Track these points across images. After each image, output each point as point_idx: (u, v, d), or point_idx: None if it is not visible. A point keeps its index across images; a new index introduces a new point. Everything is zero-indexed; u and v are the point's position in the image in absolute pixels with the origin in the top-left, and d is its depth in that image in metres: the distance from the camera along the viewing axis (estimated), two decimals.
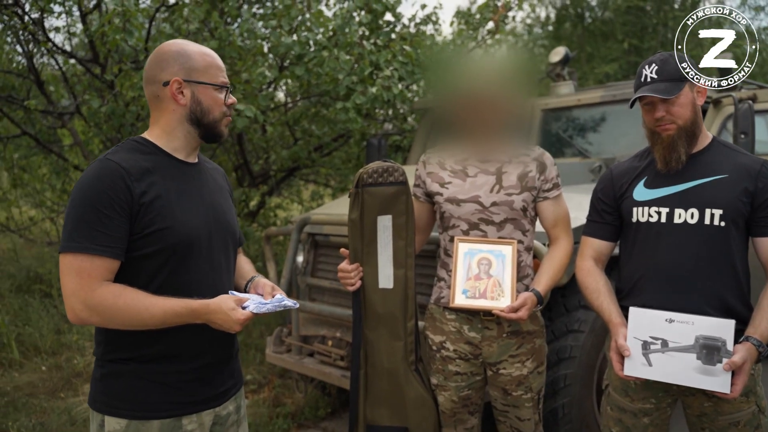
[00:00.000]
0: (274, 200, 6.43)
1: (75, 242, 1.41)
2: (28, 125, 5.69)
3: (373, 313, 2.08)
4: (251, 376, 4.42)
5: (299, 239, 3.47)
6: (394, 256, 2.07)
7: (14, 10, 3.95)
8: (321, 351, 3.18)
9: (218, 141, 1.66)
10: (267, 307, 1.53)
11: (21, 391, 3.98)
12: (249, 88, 3.99)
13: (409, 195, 2.06)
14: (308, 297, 3.49)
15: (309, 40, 3.87)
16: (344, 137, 5.61)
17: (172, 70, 1.58)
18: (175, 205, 1.53)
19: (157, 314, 1.44)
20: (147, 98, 1.63)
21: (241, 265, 1.81)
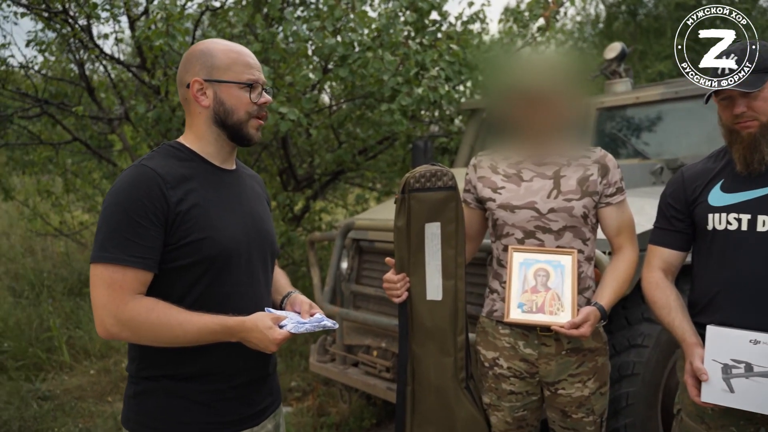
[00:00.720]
0: (318, 204, 6.38)
1: (107, 252, 1.34)
2: (80, 131, 5.80)
3: (421, 326, 1.96)
4: (295, 383, 4.36)
5: (343, 245, 3.37)
6: (443, 265, 1.94)
7: (63, 17, 4.00)
8: (366, 361, 3.07)
9: (248, 144, 1.55)
10: (305, 327, 1.43)
11: (70, 395, 4.01)
12: (293, 91, 3.92)
13: (459, 201, 1.93)
14: (352, 305, 3.39)
15: (353, 41, 3.78)
16: (389, 140, 5.51)
17: (194, 70, 1.50)
18: (213, 214, 1.45)
19: (191, 331, 1.35)
20: (181, 102, 1.56)
21: (277, 279, 1.72)
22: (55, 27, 4.73)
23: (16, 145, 5.34)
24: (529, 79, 1.86)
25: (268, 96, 1.55)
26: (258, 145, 5.84)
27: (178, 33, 3.48)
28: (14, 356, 4.41)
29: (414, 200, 1.90)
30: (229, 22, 4.27)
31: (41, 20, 4.87)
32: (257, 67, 1.55)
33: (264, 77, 1.57)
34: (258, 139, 1.56)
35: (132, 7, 4.61)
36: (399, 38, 3.86)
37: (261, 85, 1.54)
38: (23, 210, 6.45)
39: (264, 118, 1.56)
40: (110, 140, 6.26)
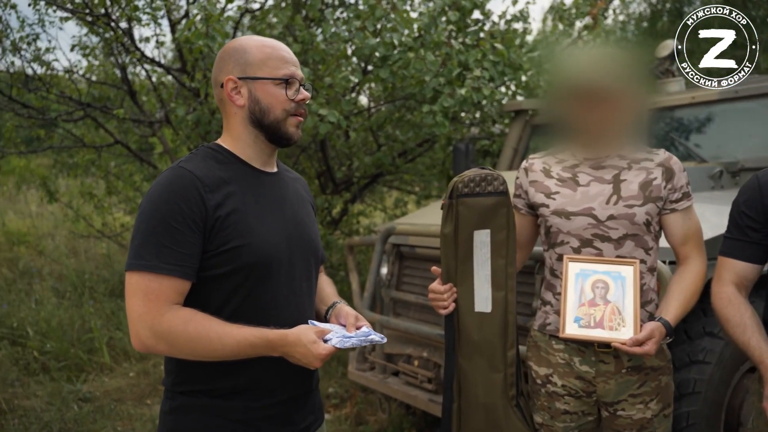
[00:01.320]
0: (356, 207, 6.31)
1: (142, 260, 1.27)
2: (122, 134, 5.86)
3: (468, 339, 1.85)
4: (333, 389, 4.29)
5: (383, 250, 3.28)
6: (492, 276, 1.82)
7: (106, 21, 4.02)
8: (407, 371, 2.97)
9: (288, 144, 1.46)
10: (351, 342, 1.34)
11: (109, 397, 4.02)
12: (332, 93, 3.86)
13: (510, 207, 1.81)
14: (392, 312, 3.29)
15: (394, 41, 3.69)
16: (429, 142, 5.40)
17: (227, 68, 1.42)
18: (254, 219, 1.37)
19: (230, 345, 1.27)
20: (217, 103, 1.49)
21: (322, 287, 1.63)
22: (98, 31, 4.78)
23: (61, 147, 5.42)
24: (591, 75, 1.73)
25: (306, 92, 1.46)
26: (296, 148, 5.81)
27: (218, 34, 3.45)
28: (56, 357, 4.46)
29: (462, 206, 1.80)
30: (269, 23, 4.23)
31: (85, 25, 4.94)
32: (294, 61, 1.46)
33: (302, 73, 1.48)
34: (298, 138, 1.47)
35: (173, 11, 4.62)
36: (441, 38, 3.75)
37: (299, 81, 1.45)
38: (67, 212, 6.56)
39: (304, 116, 1.48)
40: (151, 143, 6.32)
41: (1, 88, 4.40)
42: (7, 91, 4.41)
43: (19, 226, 7.37)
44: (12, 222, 7.39)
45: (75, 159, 5.91)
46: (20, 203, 9.26)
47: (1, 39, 4.89)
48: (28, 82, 4.64)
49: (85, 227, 6.49)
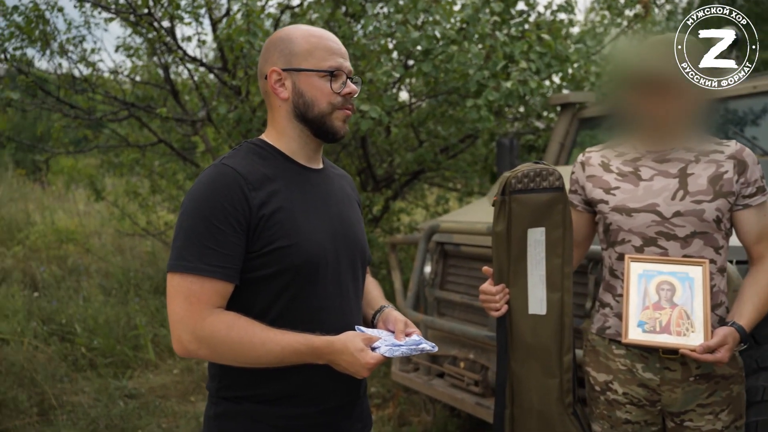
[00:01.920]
0: (397, 204, 6.24)
1: (184, 261, 1.22)
2: (165, 134, 5.92)
3: (522, 343, 1.75)
4: (375, 389, 4.24)
5: (427, 248, 3.20)
6: (547, 276, 1.73)
7: (149, 21, 4.05)
8: (452, 373, 2.89)
9: (335, 139, 1.39)
10: (401, 350, 1.26)
11: (154, 393, 4.06)
12: (373, 89, 3.79)
13: (566, 204, 1.71)
14: (437, 312, 3.21)
15: (436, 34, 3.60)
16: (471, 138, 5.28)
17: (272, 59, 1.36)
18: (299, 218, 1.30)
19: (274, 351, 1.21)
20: (263, 96, 1.43)
21: (369, 290, 1.56)
22: (141, 32, 4.83)
23: (107, 147, 5.51)
24: (657, 63, 1.61)
25: (353, 86, 1.39)
26: (337, 144, 5.77)
27: (259, 30, 3.42)
28: (103, 353, 4.53)
29: (515, 202, 1.70)
30: (309, 20, 4.19)
31: (129, 25, 4.99)
32: (341, 52, 1.38)
33: (349, 65, 1.40)
34: (345, 133, 1.40)
35: (214, 9, 4.63)
36: (485, 30, 3.64)
37: (346, 74, 1.38)
38: (113, 210, 6.69)
39: (351, 110, 1.40)
40: (193, 142, 6.37)
41: (49, 90, 4.47)
42: (54, 92, 4.49)
43: (68, 224, 7.56)
44: (61, 220, 7.58)
45: (120, 158, 6.00)
46: (69, 202, 9.51)
47: (49, 41, 4.99)
48: (75, 83, 4.71)
49: (130, 225, 6.60)
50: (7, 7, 4.57)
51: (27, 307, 4.83)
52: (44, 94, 4.53)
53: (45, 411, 3.66)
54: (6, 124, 4.76)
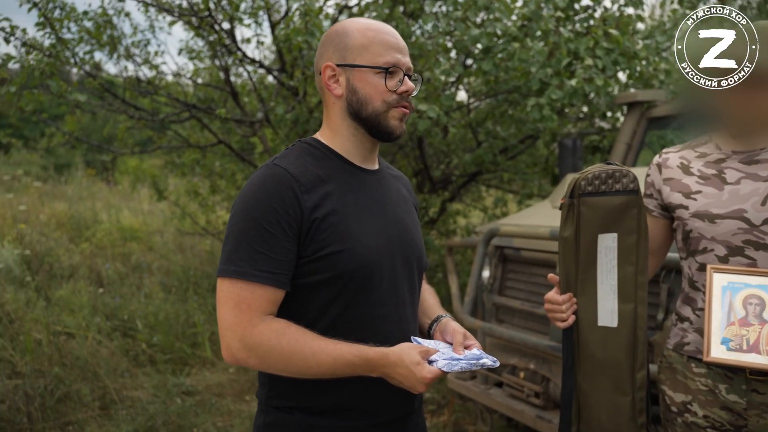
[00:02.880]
0: (454, 206, 6.14)
1: (233, 266, 1.17)
2: (225, 135, 6.01)
3: (590, 357, 1.64)
4: (430, 395, 4.15)
5: (486, 252, 3.10)
6: (619, 286, 1.60)
7: (209, 23, 4.10)
8: (511, 383, 2.77)
9: (391, 138, 1.31)
10: (460, 365, 1.18)
11: (210, 391, 4.10)
12: (431, 88, 3.71)
13: (641, 208, 1.59)
14: (495, 318, 3.10)
15: (497, 31, 3.48)
16: (531, 138, 5.12)
17: (327, 54, 1.29)
18: (354, 221, 1.24)
19: (326, 362, 1.15)
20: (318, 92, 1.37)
21: (425, 298, 1.48)
22: (202, 34, 4.91)
23: (169, 148, 5.64)
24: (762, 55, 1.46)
25: (411, 83, 1.31)
26: (393, 145, 5.72)
27: (317, 29, 3.39)
28: (163, 350, 4.62)
29: (585, 206, 1.59)
30: None
31: (191, 28, 5.09)
32: (399, 47, 1.30)
33: (409, 62, 1.32)
34: (402, 132, 1.32)
35: (273, 12, 4.66)
36: (548, 26, 3.50)
37: (403, 71, 1.30)
38: (174, 210, 6.84)
39: (409, 108, 1.33)
40: (252, 143, 6.46)
41: (116, 92, 4.60)
42: (120, 94, 4.62)
43: (132, 222, 7.81)
44: (126, 219, 7.84)
45: (182, 159, 6.14)
46: (134, 201, 9.84)
47: (117, 45, 5.15)
48: (140, 86, 4.84)
49: (191, 224, 6.74)
50: (77, 12, 4.73)
51: (92, 302, 4.98)
52: (111, 96, 4.67)
53: (106, 405, 3.75)
54: (74, 126, 4.93)
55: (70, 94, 3.62)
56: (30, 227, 6.83)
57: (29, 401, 3.52)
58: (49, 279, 5.69)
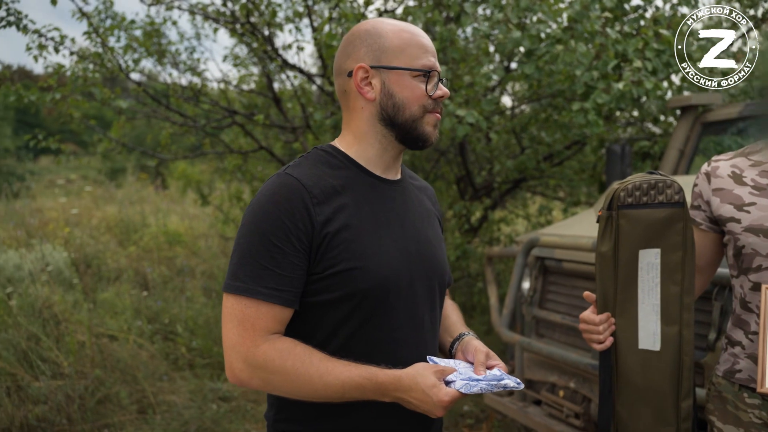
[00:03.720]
0: (497, 214, 5.98)
1: (238, 281, 1.11)
2: (268, 141, 6.05)
3: (630, 383, 1.51)
4: (468, 408, 4.04)
5: (525, 263, 2.97)
6: (662, 306, 1.47)
7: (250, 29, 4.11)
8: (550, 402, 2.64)
9: (425, 145, 1.23)
10: (480, 386, 1.09)
11: (246, 398, 4.09)
12: (471, 93, 3.60)
13: (687, 222, 1.46)
14: (535, 332, 2.96)
15: (540, 33, 3.35)
16: (578, 144, 4.94)
17: (358, 55, 1.21)
18: (369, 237, 1.16)
19: (333, 385, 1.07)
20: (337, 96, 1.30)
21: (447, 314, 1.39)
22: (246, 41, 4.95)
23: (210, 153, 5.71)
24: None
25: (445, 88, 1.24)
26: (434, 151, 5.62)
27: None
28: (201, 354, 4.64)
29: (624, 219, 1.47)
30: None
31: (233, 35, 5.13)
32: (434, 51, 1.24)
33: (439, 65, 1.25)
34: (436, 139, 1.25)
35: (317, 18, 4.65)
36: (595, 27, 3.34)
37: (438, 75, 1.23)
38: (218, 214, 6.91)
39: (441, 114, 1.25)
40: (294, 149, 6.48)
41: (160, 99, 4.68)
42: (165, 101, 4.69)
43: (179, 227, 7.95)
44: (173, 223, 7.99)
45: (225, 165, 6.20)
46: (183, 206, 10.04)
47: (164, 53, 5.25)
48: (184, 92, 4.90)
49: (233, 229, 6.80)
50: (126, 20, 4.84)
51: (135, 305, 5.06)
52: (156, 103, 4.75)
53: (144, 408, 3.78)
54: (119, 132, 5.04)
55: (114, 100, 3.68)
56: (81, 230, 7.04)
57: (70, 402, 3.59)
58: (97, 281, 5.83)
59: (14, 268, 5.64)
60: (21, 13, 3.94)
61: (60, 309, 4.73)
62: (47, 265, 5.56)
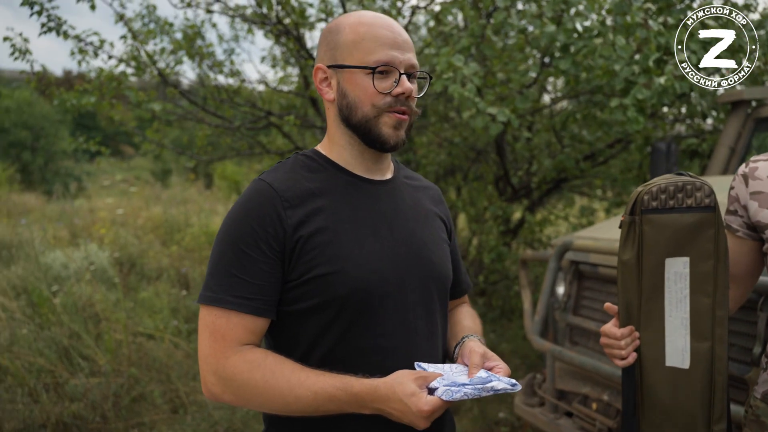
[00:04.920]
0: (539, 215, 5.80)
1: (209, 291, 1.07)
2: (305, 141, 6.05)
3: (656, 403, 1.39)
4: (504, 415, 3.91)
5: (559, 267, 2.84)
6: (692, 320, 1.35)
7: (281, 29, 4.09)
8: (582, 414, 2.50)
9: (384, 149, 1.14)
10: (464, 392, 0.98)
11: None
12: (506, 90, 3.48)
13: (720, 228, 1.32)
14: (569, 340, 2.82)
15: (576, 26, 3.20)
16: (622, 142, 4.73)
17: (319, 55, 1.17)
18: (348, 239, 1.09)
19: (305, 398, 1.00)
20: None
21: (458, 320, 1.30)
22: (281, 42, 4.94)
23: (247, 154, 5.74)
24: None
25: (409, 84, 1.13)
26: (472, 151, 5.50)
27: None
28: None
29: (649, 225, 1.35)
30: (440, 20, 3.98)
31: (268, 36, 5.14)
32: (396, 43, 1.13)
33: (411, 58, 1.14)
34: (398, 142, 1.14)
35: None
36: (636, 19, 3.17)
37: (399, 70, 1.12)
38: None
39: (407, 113, 1.15)
40: None
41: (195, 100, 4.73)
42: (201, 102, 4.74)
43: None
44: (215, 224, 8.10)
45: (262, 165, 6.23)
46: (227, 205, 10.21)
47: (203, 56, 5.31)
48: (220, 94, 4.94)
49: None
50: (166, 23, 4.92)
51: (173, 304, 5.13)
52: (193, 105, 4.80)
53: (176, 408, 3.81)
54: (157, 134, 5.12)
55: (148, 103, 3.72)
56: (126, 230, 7.21)
57: (104, 400, 3.64)
58: (139, 280, 5.95)
59: (61, 267, 5.83)
60: (61, 19, 4.03)
61: (101, 307, 4.84)
62: (91, 264, 5.71)
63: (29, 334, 4.23)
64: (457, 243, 1.39)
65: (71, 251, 6.10)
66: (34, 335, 4.25)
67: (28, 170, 16.72)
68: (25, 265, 5.87)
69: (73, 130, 20.72)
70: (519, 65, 3.58)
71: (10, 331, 4.28)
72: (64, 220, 7.42)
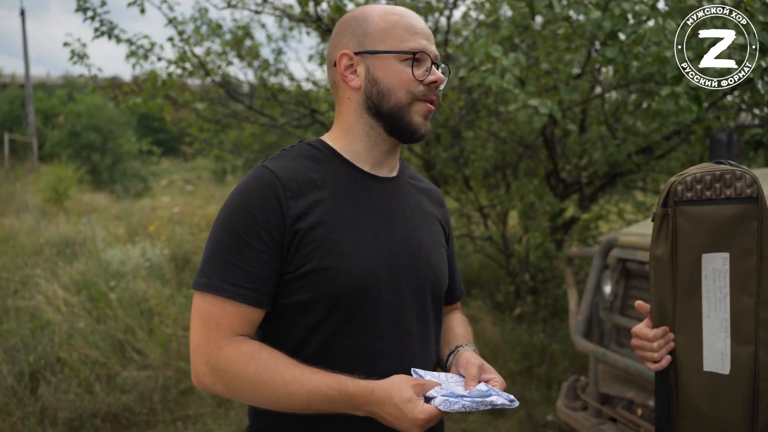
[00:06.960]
0: (594, 211, 5.59)
1: (204, 278, 1.04)
2: None
3: (693, 410, 1.28)
4: (551, 418, 3.79)
5: (603, 265, 2.70)
6: (733, 321, 1.23)
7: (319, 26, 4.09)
8: (626, 420, 2.37)
9: (414, 138, 1.12)
10: (462, 403, 0.95)
11: None
12: (550, 81, 3.35)
13: (764, 221, 1.21)
14: (615, 341, 2.69)
15: (625, 13, 3.04)
16: (681, 134, 4.49)
17: (342, 42, 1.13)
18: (347, 235, 1.06)
19: (298, 395, 0.97)
20: (330, 89, 1.21)
21: (451, 327, 1.26)
22: (327, 39, 4.96)
23: None
24: None
25: (440, 73, 1.11)
26: (520, 145, 5.35)
27: None
28: None
29: (683, 218, 1.24)
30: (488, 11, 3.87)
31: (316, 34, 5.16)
32: (426, 34, 1.13)
33: (435, 50, 1.13)
34: (427, 132, 1.13)
35: None
36: (689, 2, 2.98)
37: (431, 58, 1.11)
38: None
39: (436, 104, 1.13)
40: None
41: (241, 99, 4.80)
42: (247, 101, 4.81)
43: None
44: None
45: None
46: None
47: (253, 56, 5.39)
48: (265, 92, 5.00)
49: None
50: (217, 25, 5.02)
51: None
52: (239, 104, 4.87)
53: (221, 402, 3.87)
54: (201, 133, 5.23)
55: (193, 103, 3.79)
56: (181, 228, 7.41)
57: (153, 392, 3.74)
58: (191, 277, 6.11)
59: (119, 264, 6.04)
60: (113, 23, 4.16)
61: (154, 303, 4.98)
62: (147, 261, 5.90)
63: (86, 328, 4.40)
64: (454, 249, 1.35)
65: (129, 248, 6.31)
66: (90, 328, 4.41)
67: (98, 171, 17.48)
68: (87, 261, 6.11)
69: (141, 133, 21.55)
70: (564, 55, 3.43)
71: (69, 324, 4.47)
72: (124, 218, 7.71)
